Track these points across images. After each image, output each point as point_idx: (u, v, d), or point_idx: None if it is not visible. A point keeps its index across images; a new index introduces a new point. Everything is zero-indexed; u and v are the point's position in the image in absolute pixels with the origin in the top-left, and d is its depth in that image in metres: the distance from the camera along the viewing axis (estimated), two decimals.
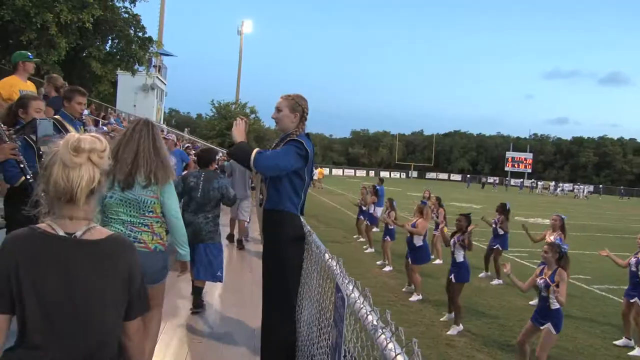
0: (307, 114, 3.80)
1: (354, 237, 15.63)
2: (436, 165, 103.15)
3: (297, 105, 3.75)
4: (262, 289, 3.86)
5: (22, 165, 3.65)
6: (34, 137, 3.98)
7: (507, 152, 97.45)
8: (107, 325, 1.87)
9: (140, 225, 3.44)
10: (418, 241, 9.30)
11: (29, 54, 6.52)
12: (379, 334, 1.72)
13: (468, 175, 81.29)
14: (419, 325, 7.74)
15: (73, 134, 1.92)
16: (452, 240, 7.98)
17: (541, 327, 5.84)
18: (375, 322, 1.81)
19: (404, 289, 9.67)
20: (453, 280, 7.72)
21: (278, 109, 3.77)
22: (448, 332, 7.45)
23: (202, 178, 6.10)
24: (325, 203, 27.92)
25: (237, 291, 6.88)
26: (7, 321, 1.78)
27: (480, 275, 11.27)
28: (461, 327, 7.55)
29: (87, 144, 1.86)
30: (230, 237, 10.67)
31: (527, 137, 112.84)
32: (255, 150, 3.52)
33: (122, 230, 3.35)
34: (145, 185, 3.41)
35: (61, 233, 1.84)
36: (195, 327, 5.17)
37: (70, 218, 1.86)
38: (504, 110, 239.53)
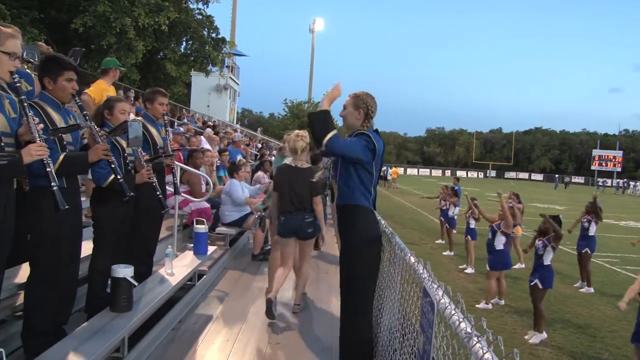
0: (372, 111, 3.84)
1: (438, 242, 15.18)
2: (516, 164, 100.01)
3: (362, 103, 3.81)
4: (340, 286, 3.90)
5: (113, 166, 3.84)
6: (125, 139, 4.19)
7: (593, 150, 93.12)
8: (307, 195, 5.50)
9: None
10: (499, 244, 8.74)
11: (117, 61, 6.88)
12: (474, 342, 1.68)
13: (557, 175, 76.95)
14: (501, 332, 7.51)
15: (295, 131, 5.73)
16: (539, 242, 7.50)
17: None
18: (469, 330, 1.77)
19: (492, 301, 9.04)
20: (540, 285, 7.28)
21: (344, 107, 3.89)
22: (530, 340, 7.20)
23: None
24: (401, 203, 27.68)
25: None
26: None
27: (576, 285, 10.76)
28: (545, 335, 7.24)
29: (301, 133, 5.55)
30: None
31: (617, 134, 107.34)
32: (334, 132, 3.57)
33: None
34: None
35: (293, 165, 5.55)
36: (274, 323, 5.26)
37: (296, 160, 5.55)
38: (589, 105, 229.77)
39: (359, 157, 3.65)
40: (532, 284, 7.43)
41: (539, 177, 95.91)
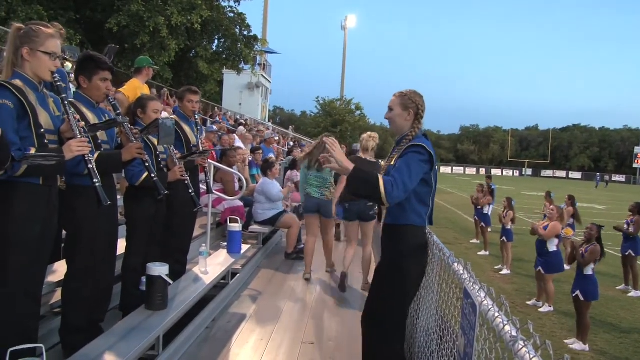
0: (422, 111, 3.47)
1: (473, 241, 15.13)
2: (553, 163, 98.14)
3: (411, 102, 3.44)
4: (366, 301, 3.55)
5: (147, 164, 3.88)
6: (156, 137, 4.22)
7: (635, 147, 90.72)
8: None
9: (324, 188, 7.05)
10: (552, 246, 8.50)
11: (151, 60, 6.97)
12: (520, 346, 1.63)
13: (597, 174, 74.74)
14: (541, 335, 7.34)
15: (368, 133, 6.87)
16: (581, 251, 7.33)
17: None
18: (514, 333, 1.72)
19: (529, 302, 9.08)
20: (581, 298, 7.09)
21: (390, 108, 3.52)
22: (571, 346, 7.03)
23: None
24: (435, 203, 27.35)
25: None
26: None
27: (619, 287, 10.55)
28: (587, 347, 7.05)
29: (373, 135, 6.70)
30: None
31: None
32: (381, 182, 3.06)
33: (315, 190, 7.06)
34: (329, 170, 6.68)
35: (363, 157, 6.49)
36: (308, 326, 5.25)
37: (366, 154, 6.59)
38: (631, 101, 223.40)
39: (420, 179, 3.24)
40: (574, 295, 7.24)
41: (577, 175, 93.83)
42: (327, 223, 7.32)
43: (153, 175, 3.90)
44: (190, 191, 4.75)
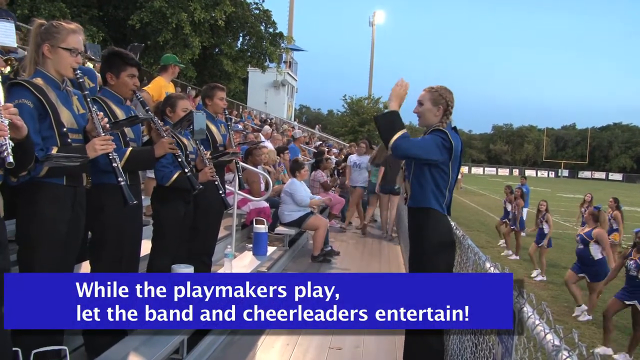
0: (451, 107, 3.63)
1: (500, 243, 14.99)
2: (591, 163, 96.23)
3: (441, 98, 3.60)
4: None
5: (179, 160, 3.92)
6: (187, 136, 4.27)
7: None
8: (397, 170, 9.55)
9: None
10: (597, 253, 8.21)
11: (177, 58, 7.03)
12: (564, 356, 1.60)
13: None
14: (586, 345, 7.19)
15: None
16: (631, 262, 6.86)
17: None
18: (557, 343, 1.68)
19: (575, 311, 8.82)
20: (638, 307, 6.72)
21: (420, 102, 3.68)
22: (615, 355, 6.85)
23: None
24: (466, 204, 27.12)
25: None
26: None
27: None
28: None
29: None
30: None
31: None
32: (400, 132, 3.40)
33: (374, 178, 10.86)
34: None
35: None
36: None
37: None
38: None
39: (430, 158, 3.47)
40: (629, 303, 6.85)
41: (617, 176, 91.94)
42: (372, 197, 11.21)
43: (187, 170, 3.93)
44: (221, 192, 4.78)
